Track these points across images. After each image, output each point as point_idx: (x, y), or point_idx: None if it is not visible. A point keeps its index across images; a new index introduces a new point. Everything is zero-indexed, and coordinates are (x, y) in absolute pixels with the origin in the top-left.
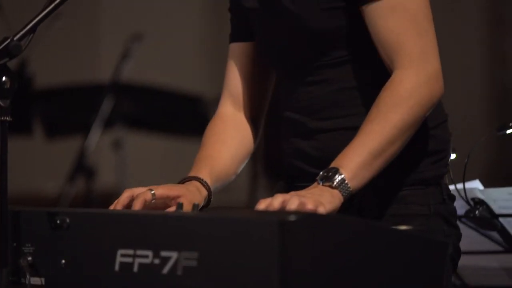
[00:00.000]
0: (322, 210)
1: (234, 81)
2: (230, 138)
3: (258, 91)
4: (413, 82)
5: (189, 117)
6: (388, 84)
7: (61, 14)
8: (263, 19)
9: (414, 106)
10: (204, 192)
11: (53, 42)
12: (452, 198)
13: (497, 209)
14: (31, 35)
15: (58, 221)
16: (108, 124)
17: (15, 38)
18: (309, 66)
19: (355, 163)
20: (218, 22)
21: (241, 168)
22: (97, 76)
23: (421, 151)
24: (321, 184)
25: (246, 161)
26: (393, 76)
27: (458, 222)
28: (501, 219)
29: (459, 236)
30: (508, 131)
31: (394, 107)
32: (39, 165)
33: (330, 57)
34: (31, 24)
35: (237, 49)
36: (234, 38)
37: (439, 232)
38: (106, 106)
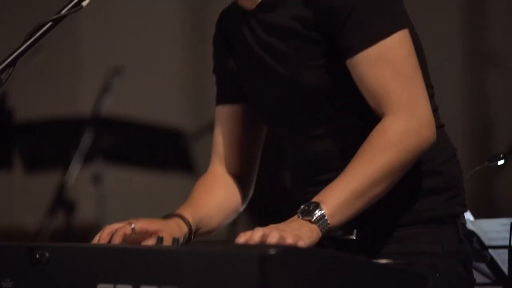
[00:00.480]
0: (301, 244)
1: (222, 145)
2: (218, 190)
3: (248, 151)
4: (402, 128)
5: (170, 151)
6: (377, 127)
7: (41, 48)
8: (253, 82)
9: (402, 151)
10: (185, 229)
11: (33, 75)
12: (470, 239)
13: (487, 241)
14: (11, 68)
15: (37, 256)
16: (88, 158)
17: None
18: (308, 121)
19: (336, 200)
20: (198, 56)
21: (226, 222)
22: (77, 110)
23: (430, 188)
24: (301, 217)
25: (232, 217)
26: (383, 121)
27: None
28: (491, 251)
29: (472, 283)
30: (500, 162)
31: (381, 150)
32: (19, 199)
33: (328, 110)
34: (11, 58)
35: (224, 111)
36: (220, 100)
37: (453, 274)
38: (86, 140)
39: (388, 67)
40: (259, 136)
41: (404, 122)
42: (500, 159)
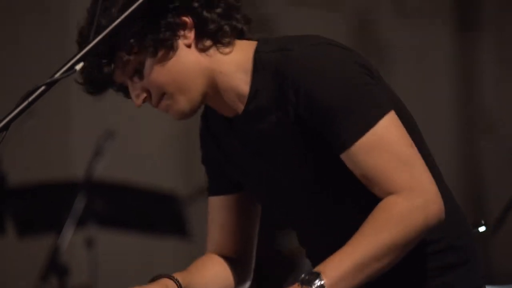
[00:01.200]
0: None
1: (217, 235)
2: (215, 266)
3: (244, 236)
4: (407, 205)
5: (163, 215)
6: (381, 204)
7: (34, 112)
8: (249, 177)
9: (406, 227)
10: None
11: (25, 139)
12: None
13: None
14: (5, 132)
15: None
16: (81, 222)
17: None
18: (311, 211)
19: (337, 272)
20: (191, 119)
21: None
22: (70, 174)
23: (447, 265)
24: (301, 286)
25: None
26: (386, 198)
27: None
28: None
29: None
30: (480, 229)
31: (385, 225)
32: (11, 263)
33: (324, 200)
34: (4, 121)
35: (217, 202)
36: (212, 192)
37: None
38: (79, 204)
39: (384, 152)
40: (254, 218)
41: (409, 199)
42: (481, 225)
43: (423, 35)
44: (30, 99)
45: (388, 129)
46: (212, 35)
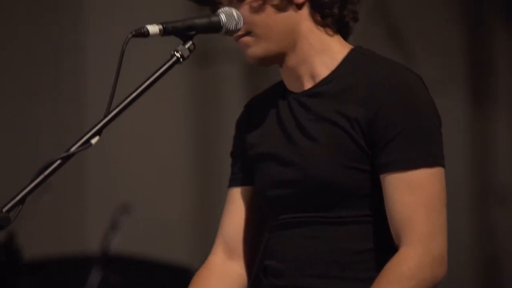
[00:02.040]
0: None
1: (230, 227)
2: (213, 285)
3: (254, 236)
4: (417, 262)
5: None
6: (393, 259)
7: (49, 186)
8: (273, 166)
9: (415, 286)
10: None
11: (40, 213)
12: None
13: None
14: (20, 206)
15: None
16: None
17: (3, 210)
18: (310, 220)
19: None
20: (207, 193)
21: None
22: (85, 248)
23: None
24: None
25: None
26: (398, 253)
27: None
28: None
29: None
30: None
31: (395, 284)
32: None
33: (334, 215)
34: (20, 196)
35: (237, 194)
36: (234, 183)
37: None
38: (94, 279)
39: (421, 196)
40: (266, 223)
41: (419, 255)
42: None
43: (436, 103)
44: (46, 173)
45: (436, 180)
46: (323, 9)
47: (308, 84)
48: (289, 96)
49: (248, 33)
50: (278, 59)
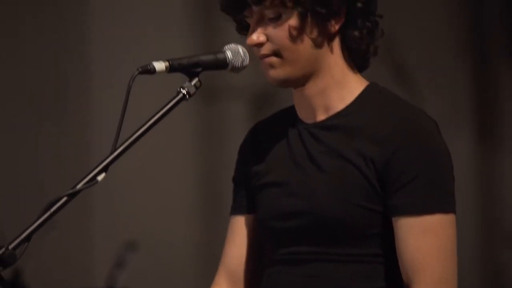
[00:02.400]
0: None
1: (232, 257)
2: None
3: (257, 267)
4: None
5: None
6: None
7: (55, 223)
8: (279, 196)
9: None
10: None
11: (46, 250)
12: None
13: None
14: (26, 244)
15: None
16: None
17: (10, 247)
18: (313, 256)
19: None
20: (214, 229)
21: None
22: (91, 286)
23: None
24: None
25: None
26: None
27: None
28: None
29: None
30: None
31: None
32: None
33: (339, 252)
34: (26, 233)
35: (240, 222)
36: (237, 211)
37: None
38: None
39: (434, 240)
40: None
41: None
42: None
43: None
44: (52, 210)
45: (449, 225)
46: (352, 44)
47: (321, 116)
48: (300, 125)
49: (275, 54)
50: (297, 83)
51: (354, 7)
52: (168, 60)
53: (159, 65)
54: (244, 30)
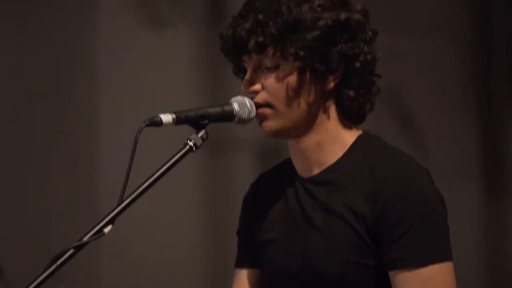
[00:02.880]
0: None
1: None
2: None
3: None
4: None
5: None
6: None
7: (63, 277)
8: (278, 255)
9: None
10: None
11: None
12: None
13: None
14: None
15: None
16: None
17: None
18: None
19: None
20: (220, 280)
21: None
22: None
23: None
24: None
25: None
26: None
27: None
28: None
29: None
30: None
31: None
32: None
33: None
34: (33, 285)
35: (244, 276)
36: (242, 264)
37: None
38: None
39: None
40: None
41: None
42: None
43: (449, 194)
44: (58, 262)
45: (448, 274)
46: (346, 101)
47: (315, 170)
48: (296, 180)
49: (268, 104)
50: (290, 135)
51: (353, 66)
52: (175, 112)
53: (166, 118)
54: (241, 72)
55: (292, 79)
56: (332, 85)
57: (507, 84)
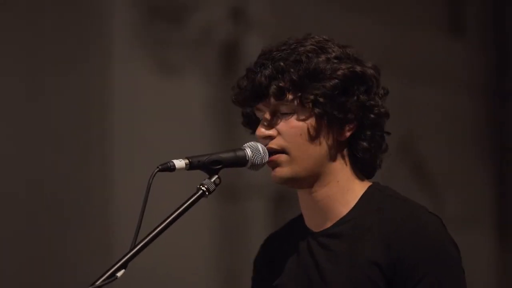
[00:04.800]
0: None
1: None
2: None
3: None
4: None
5: None
6: None
7: None
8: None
9: None
10: None
11: None
12: None
13: None
14: None
15: None
16: None
17: None
18: None
19: None
20: None
21: None
22: None
23: None
24: None
25: None
26: None
27: None
28: None
29: None
30: None
31: None
32: None
33: None
34: None
35: None
36: None
37: None
38: None
39: None
40: None
41: None
42: None
43: (462, 243)
44: None
45: None
46: (358, 152)
47: (327, 223)
48: (308, 235)
49: (283, 150)
50: (302, 184)
51: (368, 117)
52: (188, 158)
53: (179, 163)
54: (251, 124)
55: (309, 125)
56: (347, 134)
57: None
